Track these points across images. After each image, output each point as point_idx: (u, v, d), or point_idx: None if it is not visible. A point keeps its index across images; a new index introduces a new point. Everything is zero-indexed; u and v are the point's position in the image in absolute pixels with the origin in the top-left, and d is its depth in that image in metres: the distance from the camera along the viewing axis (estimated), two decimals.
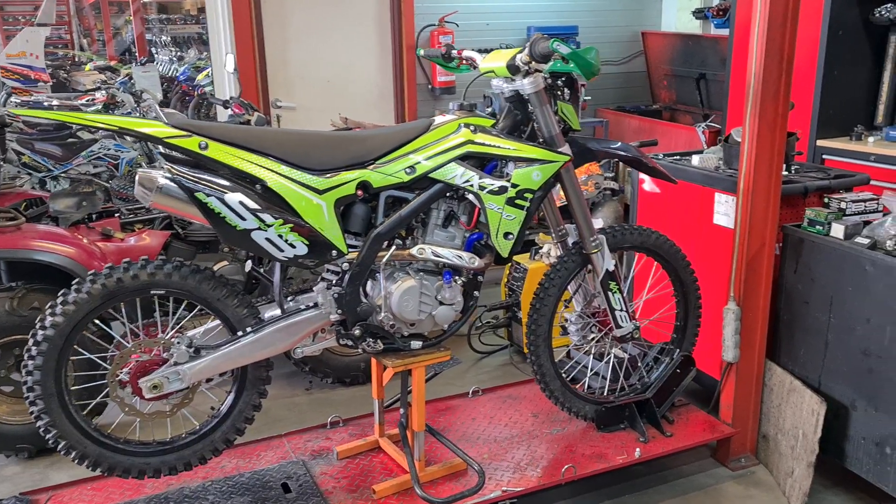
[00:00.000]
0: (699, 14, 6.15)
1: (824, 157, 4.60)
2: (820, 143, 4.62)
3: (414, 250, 2.50)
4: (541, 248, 4.05)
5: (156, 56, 15.86)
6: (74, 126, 5.12)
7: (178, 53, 15.02)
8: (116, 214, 3.96)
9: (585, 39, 6.22)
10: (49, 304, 2.28)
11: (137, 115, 6.29)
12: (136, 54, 14.63)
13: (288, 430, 3.16)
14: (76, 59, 16.87)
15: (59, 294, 2.28)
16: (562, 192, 2.77)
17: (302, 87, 5.48)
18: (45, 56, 16.27)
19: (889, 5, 4.51)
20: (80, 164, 5.60)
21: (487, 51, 2.72)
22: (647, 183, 3.70)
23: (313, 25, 5.45)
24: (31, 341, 2.25)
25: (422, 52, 3.00)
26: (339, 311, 2.47)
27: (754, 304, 2.98)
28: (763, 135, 2.81)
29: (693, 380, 3.25)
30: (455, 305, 2.59)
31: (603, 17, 6.47)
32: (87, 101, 7.34)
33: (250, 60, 5.19)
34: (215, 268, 3.72)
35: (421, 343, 2.60)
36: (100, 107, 6.76)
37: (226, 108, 4.50)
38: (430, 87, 5.80)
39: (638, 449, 2.91)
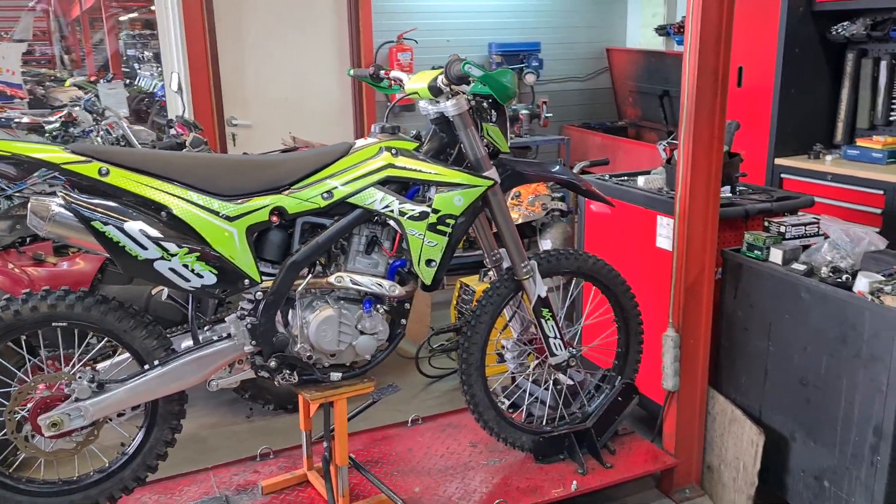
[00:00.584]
0: (662, 31, 6.12)
1: (782, 175, 4.56)
2: (778, 161, 4.58)
3: (332, 278, 2.41)
4: (489, 270, 3.97)
5: (138, 72, 15.78)
6: None
7: (159, 69, 14.93)
8: None
9: (549, 56, 6.17)
10: None
11: (95, 132, 6.18)
12: (110, 71, 14.53)
13: (224, 460, 3.06)
14: (56, 75, 16.77)
15: None
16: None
17: (258, 105, 5.39)
18: (27, 72, 16.16)
19: (846, 23, 4.47)
20: (35, 183, 5.47)
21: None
22: (595, 204, 3.63)
23: (269, 43, 5.37)
24: None
25: (352, 72, 2.92)
26: (254, 342, 2.37)
27: (695, 330, 2.90)
28: (699, 156, 2.73)
29: (639, 406, 3.17)
30: (378, 335, 2.50)
31: (566, 34, 6.42)
32: (57, 118, 7.22)
33: (204, 78, 5.10)
34: (153, 291, 3.61)
35: (341, 374, 2.50)
36: (58, 124, 6.65)
37: (169, 127, 4.41)
38: (388, 104, 5.72)
39: (575, 481, 2.82)
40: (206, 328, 2.45)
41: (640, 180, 3.40)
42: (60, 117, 6.79)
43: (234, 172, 2.31)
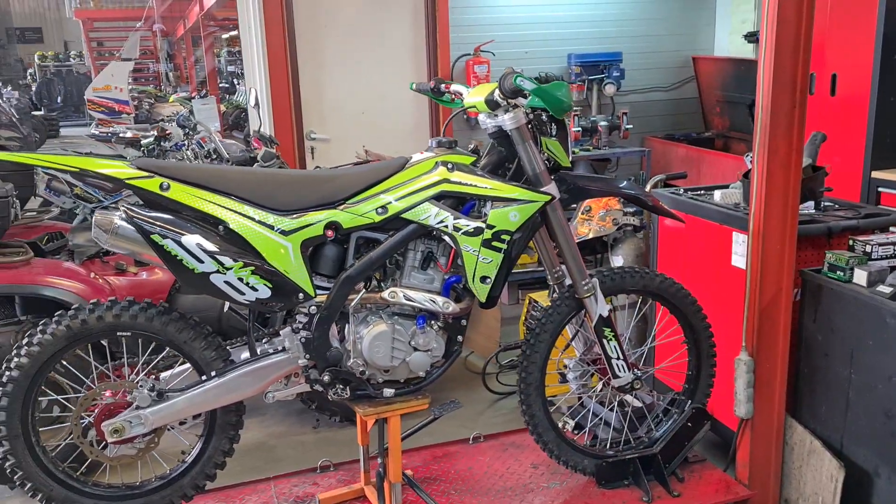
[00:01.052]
0: (751, 38, 5.86)
1: (880, 190, 4.26)
2: (875, 175, 4.28)
3: (386, 293, 2.40)
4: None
5: (238, 87, 16.44)
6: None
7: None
8: None
9: (631, 66, 6.01)
10: (16, 344, 2.29)
11: (186, 146, 6.44)
12: (206, 87, 15.20)
13: (289, 469, 3.09)
14: (157, 94, 17.69)
15: (27, 334, 2.29)
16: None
17: (336, 119, 5.48)
18: (135, 89, 17.11)
19: None
20: (131, 195, 5.75)
21: None
22: (668, 219, 3.49)
23: (348, 58, 5.46)
24: None
25: (414, 86, 2.91)
26: (307, 355, 2.38)
27: (771, 354, 2.73)
28: (774, 171, 2.58)
29: (712, 431, 3.01)
30: (432, 351, 2.46)
31: (650, 43, 6.24)
32: (152, 133, 7.60)
33: (284, 94, 5.22)
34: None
35: (394, 390, 2.48)
36: (152, 139, 6.99)
37: (247, 141, 4.53)
38: (465, 116, 5.71)
39: None
40: (263, 340, 2.48)
41: (717, 195, 3.25)
42: (155, 132, 7.14)
43: (290, 187, 2.34)
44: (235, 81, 17.79)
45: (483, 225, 2.36)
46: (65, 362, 2.36)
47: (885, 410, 2.40)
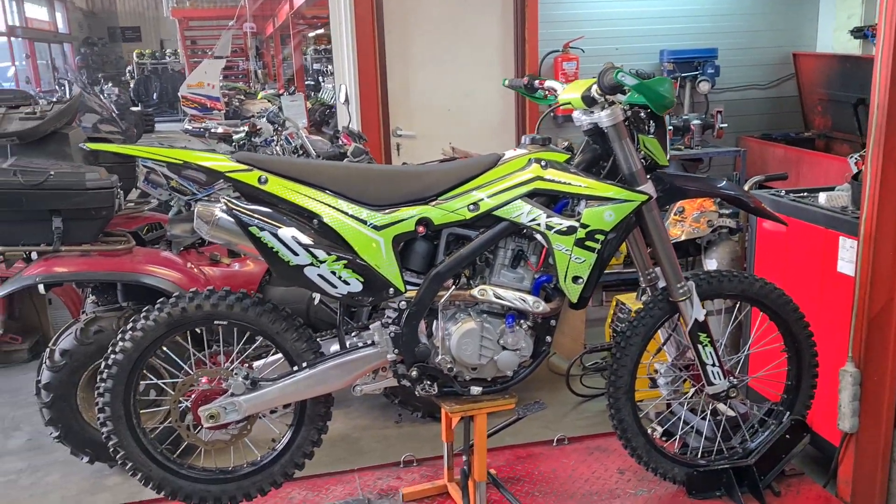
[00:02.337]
0: (858, 33, 5.57)
1: None
2: None
3: (475, 291, 2.38)
4: (645, 288, 3.78)
5: (323, 85, 16.83)
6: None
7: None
8: None
9: (727, 62, 5.81)
10: (121, 329, 2.38)
11: (275, 142, 6.60)
12: (294, 84, 15.60)
13: (371, 463, 3.13)
14: (250, 88, 18.24)
15: (131, 320, 2.37)
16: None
17: (422, 116, 5.51)
18: (225, 86, 17.68)
19: None
20: (223, 188, 5.94)
21: None
22: (768, 222, 3.34)
23: (435, 55, 5.48)
24: (103, 364, 2.35)
25: (507, 83, 2.88)
26: (396, 350, 2.39)
27: (880, 366, 2.59)
28: (890, 174, 2.44)
29: (810, 445, 2.87)
30: (520, 351, 2.43)
31: (747, 39, 6.01)
32: (243, 128, 7.83)
33: (373, 90, 5.28)
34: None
35: (481, 388, 2.46)
36: (243, 134, 7.19)
37: (336, 137, 4.59)
38: (552, 114, 5.64)
39: None
40: (353, 334, 2.51)
41: (822, 197, 3.09)
42: (246, 128, 7.34)
43: (383, 182, 2.35)
44: (320, 79, 18.18)
45: (577, 224, 2.32)
46: (164, 348, 2.43)
47: None
